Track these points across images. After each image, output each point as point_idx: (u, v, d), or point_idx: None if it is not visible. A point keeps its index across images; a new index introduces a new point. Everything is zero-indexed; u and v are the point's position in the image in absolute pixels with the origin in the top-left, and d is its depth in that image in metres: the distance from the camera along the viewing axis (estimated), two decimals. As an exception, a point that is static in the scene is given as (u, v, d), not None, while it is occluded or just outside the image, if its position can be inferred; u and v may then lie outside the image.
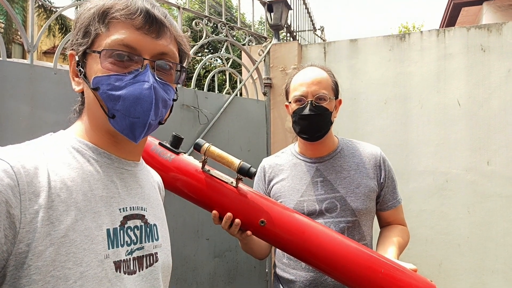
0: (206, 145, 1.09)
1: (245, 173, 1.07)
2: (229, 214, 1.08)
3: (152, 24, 0.67)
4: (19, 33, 10.46)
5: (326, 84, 1.31)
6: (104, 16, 0.66)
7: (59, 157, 0.64)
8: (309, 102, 1.28)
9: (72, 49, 0.70)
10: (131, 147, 0.73)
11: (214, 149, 1.10)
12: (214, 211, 1.10)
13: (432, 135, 2.62)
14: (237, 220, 1.08)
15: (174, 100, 0.73)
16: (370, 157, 1.38)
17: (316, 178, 1.35)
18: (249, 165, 1.07)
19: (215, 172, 1.12)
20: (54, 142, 0.67)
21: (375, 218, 1.45)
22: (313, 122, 1.29)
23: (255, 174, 1.09)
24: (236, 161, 1.08)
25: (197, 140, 1.11)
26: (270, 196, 1.41)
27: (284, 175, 1.39)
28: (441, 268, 2.58)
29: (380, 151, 1.41)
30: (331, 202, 1.31)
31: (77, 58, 0.69)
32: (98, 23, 0.66)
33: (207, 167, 1.11)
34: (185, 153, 1.16)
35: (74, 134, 0.70)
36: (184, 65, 0.76)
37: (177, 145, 1.14)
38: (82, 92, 0.72)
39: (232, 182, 1.10)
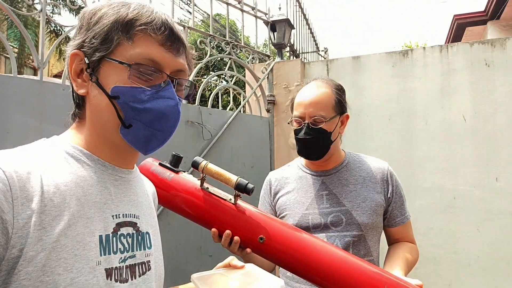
0: (204, 162, 1.09)
1: (243, 190, 1.06)
2: (227, 231, 1.06)
3: (174, 41, 0.68)
4: (31, 57, 10.86)
5: (325, 104, 1.28)
6: (128, 27, 0.66)
7: (52, 162, 0.63)
8: (305, 125, 1.27)
9: (81, 50, 0.68)
10: (129, 158, 0.73)
11: (212, 166, 1.09)
12: (213, 229, 1.09)
13: (437, 151, 2.59)
14: (236, 238, 1.06)
15: None
16: (377, 172, 1.35)
17: (321, 192, 1.33)
18: (246, 182, 1.06)
19: (213, 190, 1.11)
20: (47, 147, 0.66)
21: (383, 235, 1.41)
22: (309, 145, 1.28)
23: (253, 190, 1.07)
24: (234, 178, 1.07)
25: (195, 158, 1.11)
26: (275, 209, 1.39)
27: (290, 188, 1.38)
28: (451, 288, 2.50)
29: (387, 165, 1.38)
30: (336, 215, 1.29)
31: (87, 61, 0.67)
32: (121, 32, 0.65)
33: (205, 185, 1.11)
34: (184, 171, 1.16)
35: (69, 140, 0.69)
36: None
37: (177, 164, 1.14)
38: (81, 96, 0.70)
39: (230, 199, 1.10)
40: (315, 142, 1.28)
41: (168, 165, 1.14)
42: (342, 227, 1.28)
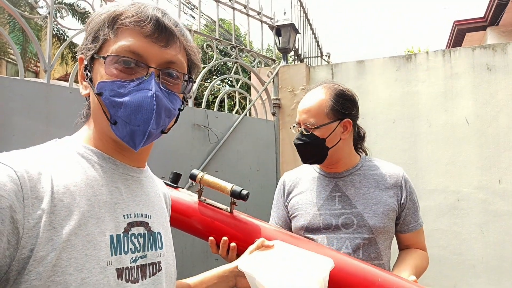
0: (200, 174, 1.14)
1: (237, 196, 1.10)
2: (224, 238, 1.10)
3: (161, 32, 0.66)
4: (32, 61, 10.83)
5: (316, 111, 1.29)
6: (113, 22, 0.65)
7: (63, 162, 0.63)
8: (300, 130, 1.32)
9: (82, 53, 0.70)
10: (135, 154, 0.71)
11: (208, 177, 1.14)
12: (210, 238, 1.12)
13: (441, 154, 2.62)
14: (232, 244, 1.09)
15: (180, 110, 0.72)
16: (391, 177, 1.36)
17: (334, 193, 1.34)
18: (241, 188, 1.10)
19: (210, 201, 1.16)
20: (59, 148, 0.67)
21: (394, 241, 1.41)
22: (302, 150, 1.33)
23: (248, 196, 1.11)
24: (228, 186, 1.11)
25: (192, 171, 1.16)
26: (288, 209, 1.42)
27: (303, 188, 1.40)
28: (455, 290, 2.51)
29: (402, 171, 1.39)
30: (348, 217, 1.30)
31: (85, 62, 0.69)
32: (107, 28, 0.65)
33: (203, 197, 1.16)
34: (183, 188, 1.22)
35: (80, 140, 0.70)
36: (193, 75, 0.75)
37: (176, 181, 1.19)
38: (90, 96, 0.71)
39: (227, 209, 1.14)
40: (307, 147, 1.31)
41: (168, 182, 1.18)
42: (353, 229, 1.29)
